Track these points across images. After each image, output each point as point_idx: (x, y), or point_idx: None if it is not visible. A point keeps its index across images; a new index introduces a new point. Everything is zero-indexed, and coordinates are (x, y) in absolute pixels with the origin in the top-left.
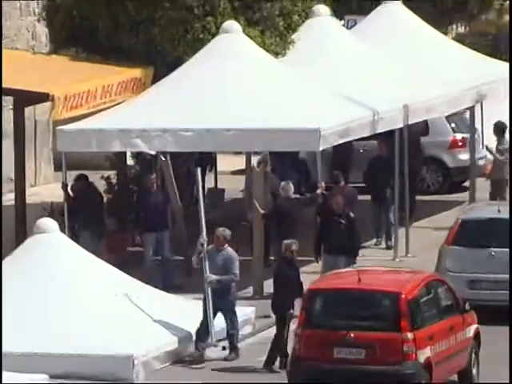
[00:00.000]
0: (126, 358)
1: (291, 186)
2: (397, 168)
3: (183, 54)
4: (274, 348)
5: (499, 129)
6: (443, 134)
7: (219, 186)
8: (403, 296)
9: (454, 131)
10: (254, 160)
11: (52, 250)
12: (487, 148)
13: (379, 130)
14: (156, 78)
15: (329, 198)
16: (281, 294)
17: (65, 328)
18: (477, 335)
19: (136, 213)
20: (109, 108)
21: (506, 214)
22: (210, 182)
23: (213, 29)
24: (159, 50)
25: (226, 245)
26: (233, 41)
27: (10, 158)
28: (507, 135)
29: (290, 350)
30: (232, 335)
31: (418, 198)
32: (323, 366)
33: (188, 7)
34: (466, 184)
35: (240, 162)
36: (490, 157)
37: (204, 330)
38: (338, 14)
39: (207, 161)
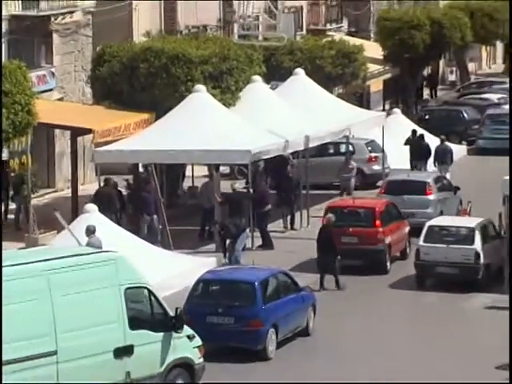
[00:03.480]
0: None
1: (237, 184)
2: (304, 178)
3: (172, 105)
4: (336, 276)
5: (348, 155)
6: (364, 153)
7: (195, 184)
8: (377, 209)
9: (370, 152)
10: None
11: (92, 222)
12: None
13: (289, 151)
14: (156, 119)
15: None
16: (323, 250)
17: None
18: (409, 232)
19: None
20: (127, 137)
21: (413, 178)
22: (189, 182)
23: (191, 89)
24: (158, 102)
25: (93, 234)
26: (202, 97)
27: (68, 168)
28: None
29: None
30: None
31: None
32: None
33: (176, 76)
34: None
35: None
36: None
37: None
38: (266, 80)
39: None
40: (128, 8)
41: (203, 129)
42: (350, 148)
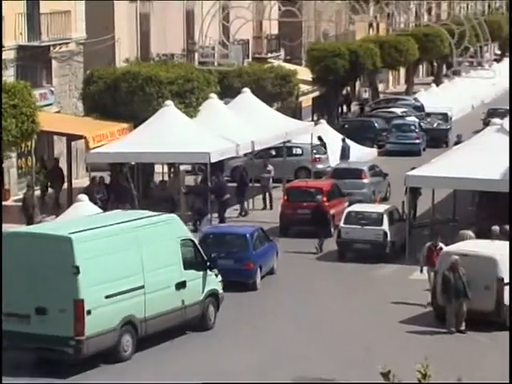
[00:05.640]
0: None
1: (199, 179)
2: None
3: (147, 117)
4: (321, 243)
5: (266, 157)
6: (309, 155)
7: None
8: (324, 188)
9: (315, 154)
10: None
11: (84, 209)
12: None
13: (240, 153)
14: (134, 128)
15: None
16: (317, 223)
17: None
18: (348, 204)
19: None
20: (111, 142)
21: (352, 166)
22: (159, 177)
23: (162, 104)
24: (136, 114)
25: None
26: (170, 111)
27: (64, 166)
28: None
29: None
30: None
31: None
32: (293, 216)
33: (150, 94)
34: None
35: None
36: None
37: None
38: (220, 97)
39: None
40: (111, 40)
41: (172, 135)
42: (299, 151)
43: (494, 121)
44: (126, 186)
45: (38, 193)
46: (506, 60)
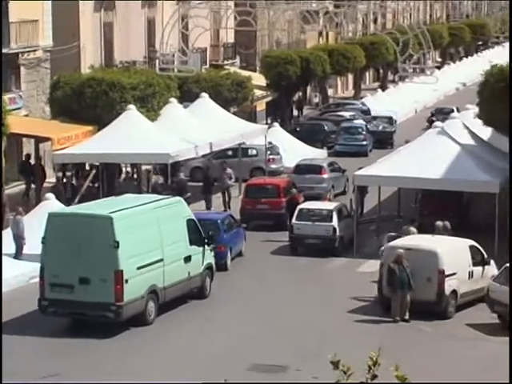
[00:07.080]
0: None
1: (161, 178)
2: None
3: (111, 120)
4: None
5: (224, 159)
6: (263, 155)
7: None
8: (281, 185)
9: (269, 154)
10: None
11: (51, 207)
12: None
13: (200, 154)
14: (98, 130)
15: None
16: (292, 213)
17: None
18: (303, 202)
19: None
20: (77, 144)
21: (313, 162)
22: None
23: (124, 108)
24: (100, 118)
25: (19, 216)
26: (132, 114)
27: None
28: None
29: None
30: None
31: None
32: (252, 211)
33: (113, 99)
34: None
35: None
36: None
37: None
38: (180, 101)
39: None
40: (77, 47)
41: (133, 137)
42: (254, 152)
43: (435, 124)
44: (89, 186)
45: (8, 192)
46: (447, 67)
